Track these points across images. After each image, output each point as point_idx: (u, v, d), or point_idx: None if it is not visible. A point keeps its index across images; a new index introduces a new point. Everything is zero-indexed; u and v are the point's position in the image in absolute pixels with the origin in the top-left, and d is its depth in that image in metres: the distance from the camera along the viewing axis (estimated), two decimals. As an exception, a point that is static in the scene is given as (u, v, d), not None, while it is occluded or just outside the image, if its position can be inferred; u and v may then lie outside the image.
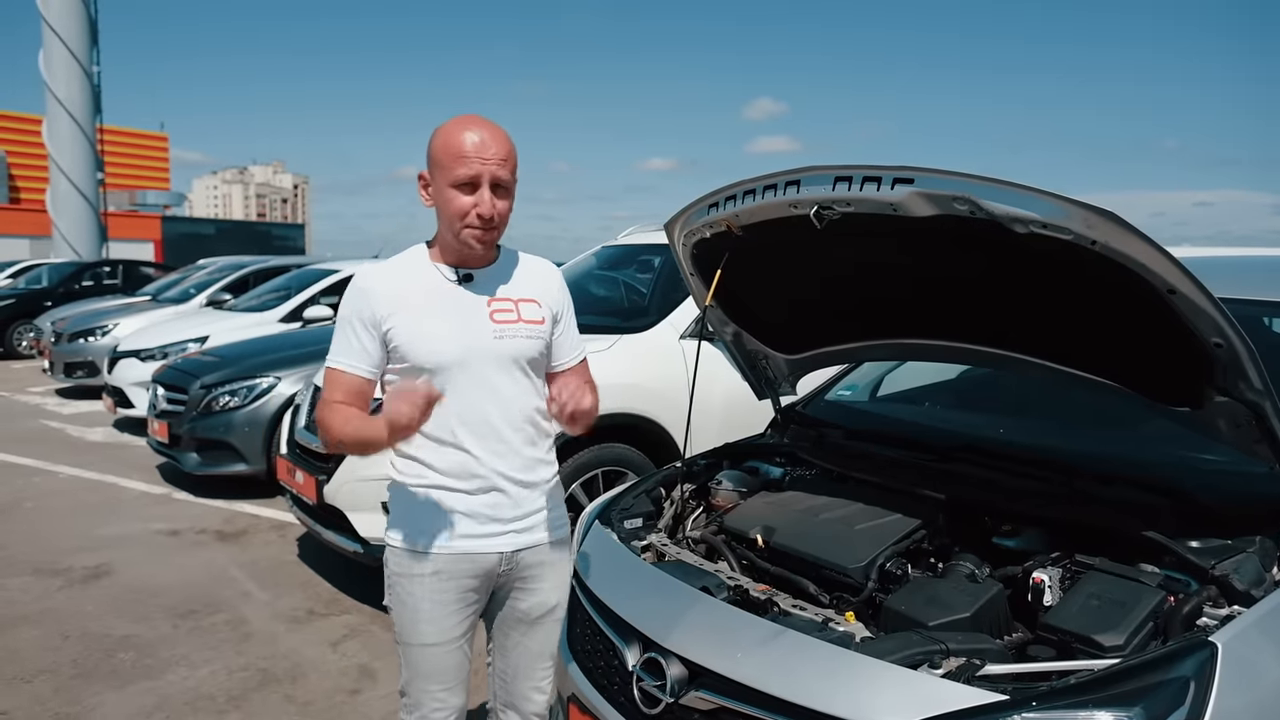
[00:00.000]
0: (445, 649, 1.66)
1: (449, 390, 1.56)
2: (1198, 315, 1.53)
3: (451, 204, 1.57)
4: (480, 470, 1.64)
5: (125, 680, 3.11)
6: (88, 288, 14.10)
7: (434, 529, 1.64)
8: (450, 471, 1.63)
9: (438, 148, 1.57)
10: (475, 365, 1.61)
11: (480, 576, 1.67)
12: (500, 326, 1.64)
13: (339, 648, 3.38)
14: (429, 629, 1.64)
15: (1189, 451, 2.03)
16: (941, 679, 1.46)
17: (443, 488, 1.64)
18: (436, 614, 1.64)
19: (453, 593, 1.64)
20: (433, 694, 1.68)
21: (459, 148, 1.54)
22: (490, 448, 1.64)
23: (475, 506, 1.64)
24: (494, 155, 1.55)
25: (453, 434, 1.62)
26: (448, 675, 1.68)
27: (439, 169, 1.57)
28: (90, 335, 9.14)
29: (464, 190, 1.56)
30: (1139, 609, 1.56)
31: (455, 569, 1.64)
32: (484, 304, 1.65)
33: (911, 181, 1.67)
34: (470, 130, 1.55)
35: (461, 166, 1.54)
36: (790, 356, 2.59)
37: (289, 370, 5.45)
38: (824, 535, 2.01)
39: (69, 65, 23.36)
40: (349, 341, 1.62)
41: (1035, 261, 1.69)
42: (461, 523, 1.64)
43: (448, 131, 1.57)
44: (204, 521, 5.04)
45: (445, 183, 1.56)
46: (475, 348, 1.61)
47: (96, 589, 4.00)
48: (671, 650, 1.69)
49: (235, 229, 42.36)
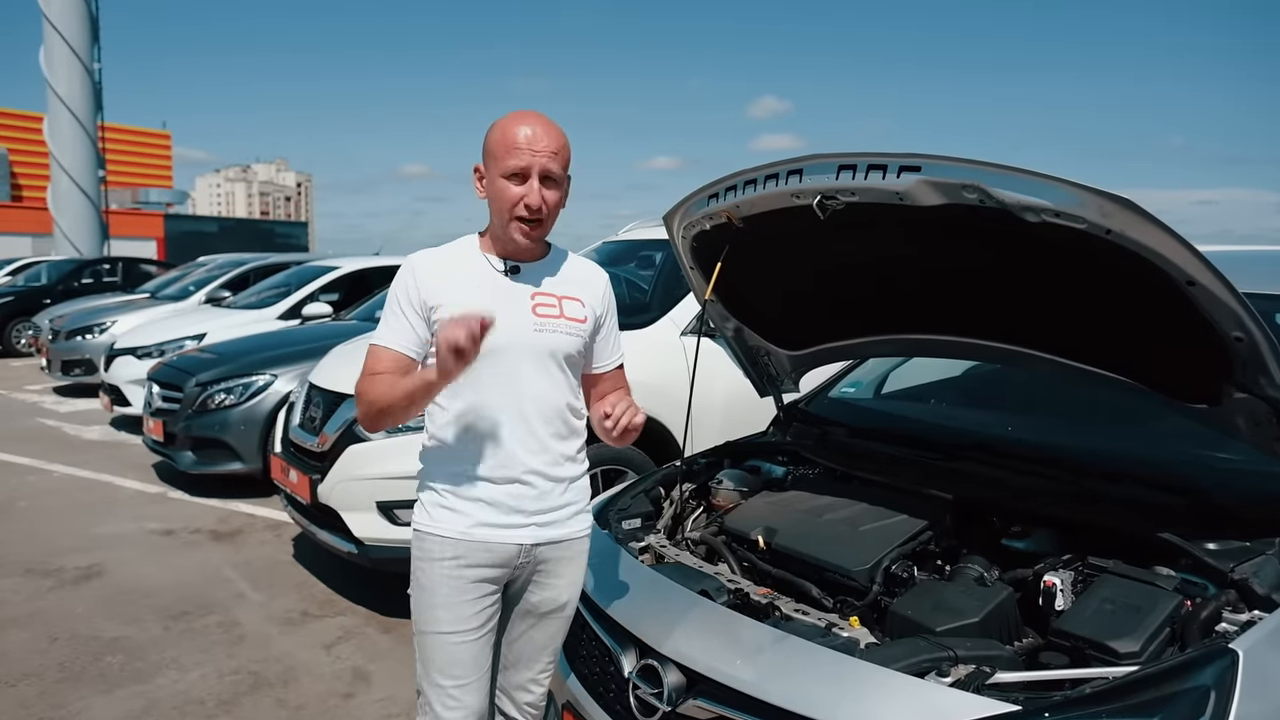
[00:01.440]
0: (459, 638, 1.65)
1: (483, 378, 1.61)
2: (1218, 308, 1.47)
3: (502, 194, 1.62)
4: (507, 460, 1.65)
5: (113, 684, 3.06)
6: (87, 285, 14.06)
7: (457, 516, 1.66)
8: (478, 460, 1.65)
9: (493, 140, 1.63)
10: (512, 355, 1.64)
11: (498, 567, 1.67)
12: (541, 320, 1.67)
13: (333, 650, 3.33)
14: (444, 615, 1.65)
15: (1203, 449, 1.97)
16: (950, 688, 1.42)
17: (468, 475, 1.66)
18: (453, 600, 1.65)
19: (470, 580, 1.65)
20: (445, 690, 1.66)
21: (512, 139, 1.60)
22: (519, 439, 1.66)
23: (499, 496, 1.66)
24: (545, 148, 1.60)
25: (485, 423, 1.65)
26: (461, 668, 1.66)
27: (492, 160, 1.62)
28: (88, 333, 9.10)
29: (514, 181, 1.61)
30: (1155, 614, 1.51)
31: (474, 557, 1.65)
32: (528, 296, 1.68)
33: (919, 169, 1.62)
34: (524, 124, 1.61)
35: (513, 157, 1.59)
36: (793, 352, 2.53)
37: (286, 368, 5.39)
38: (827, 537, 1.95)
39: (70, 62, 23.36)
40: (396, 321, 1.67)
41: (1046, 252, 1.63)
42: (484, 511, 1.66)
43: (503, 125, 1.62)
44: (199, 521, 4.99)
45: (497, 173, 1.62)
46: (514, 338, 1.64)
47: (88, 590, 3.95)
48: (668, 656, 1.65)
49: (238, 227, 42.37)
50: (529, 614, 1.76)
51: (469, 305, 1.61)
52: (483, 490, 1.65)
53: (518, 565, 1.69)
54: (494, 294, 1.65)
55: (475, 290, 1.65)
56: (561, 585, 1.75)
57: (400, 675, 3.09)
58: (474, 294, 1.64)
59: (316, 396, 4.04)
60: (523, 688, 1.81)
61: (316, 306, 7.26)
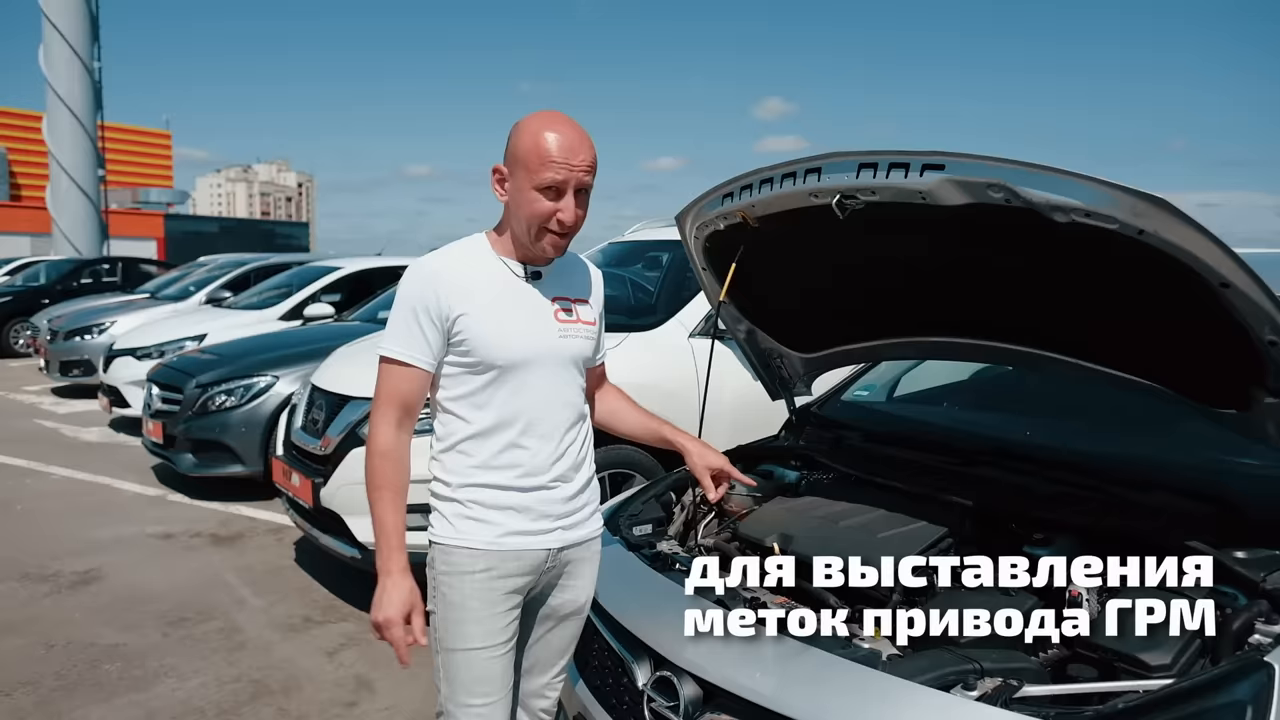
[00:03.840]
0: (490, 653, 1.61)
1: (512, 388, 1.58)
2: (1253, 311, 1.43)
3: (532, 205, 1.53)
4: (538, 467, 1.62)
5: (110, 692, 3.01)
6: (86, 285, 13.98)
7: (486, 526, 1.61)
8: (507, 469, 1.61)
9: (524, 147, 1.52)
10: (542, 364, 1.61)
11: (528, 574, 1.64)
12: (564, 326, 1.65)
13: (335, 657, 3.28)
14: (475, 630, 1.60)
15: (1225, 455, 1.93)
16: (977, 702, 1.37)
17: (498, 485, 1.61)
18: (484, 614, 1.60)
19: (501, 591, 1.61)
20: (475, 709, 1.61)
21: (547, 151, 1.50)
22: (549, 446, 1.63)
23: (529, 503, 1.62)
24: (582, 162, 1.52)
25: (515, 431, 1.61)
26: (490, 685, 1.61)
27: (523, 169, 1.53)
28: (87, 333, 9.05)
29: (548, 195, 1.53)
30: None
31: (506, 567, 1.61)
32: (549, 302, 1.65)
33: (942, 168, 1.58)
34: (558, 132, 1.51)
35: (549, 171, 1.51)
36: (806, 355, 2.49)
37: (287, 369, 5.34)
38: (845, 544, 1.90)
39: (70, 61, 23.31)
40: (409, 330, 1.57)
41: (1070, 253, 1.59)
42: (513, 520, 1.61)
43: (535, 131, 1.52)
44: (199, 524, 4.94)
45: (529, 184, 1.52)
46: (543, 347, 1.61)
47: (85, 595, 3.90)
48: (684, 668, 1.60)
49: (239, 227, 42.33)
50: (549, 617, 1.73)
51: (495, 314, 1.58)
52: (511, 499, 1.61)
53: (545, 571, 1.65)
54: (519, 301, 1.61)
55: (500, 298, 1.60)
56: (581, 586, 1.73)
57: (404, 684, 3.04)
58: (499, 302, 1.59)
59: (319, 399, 3.99)
60: (539, 694, 1.77)
61: (318, 307, 7.19)
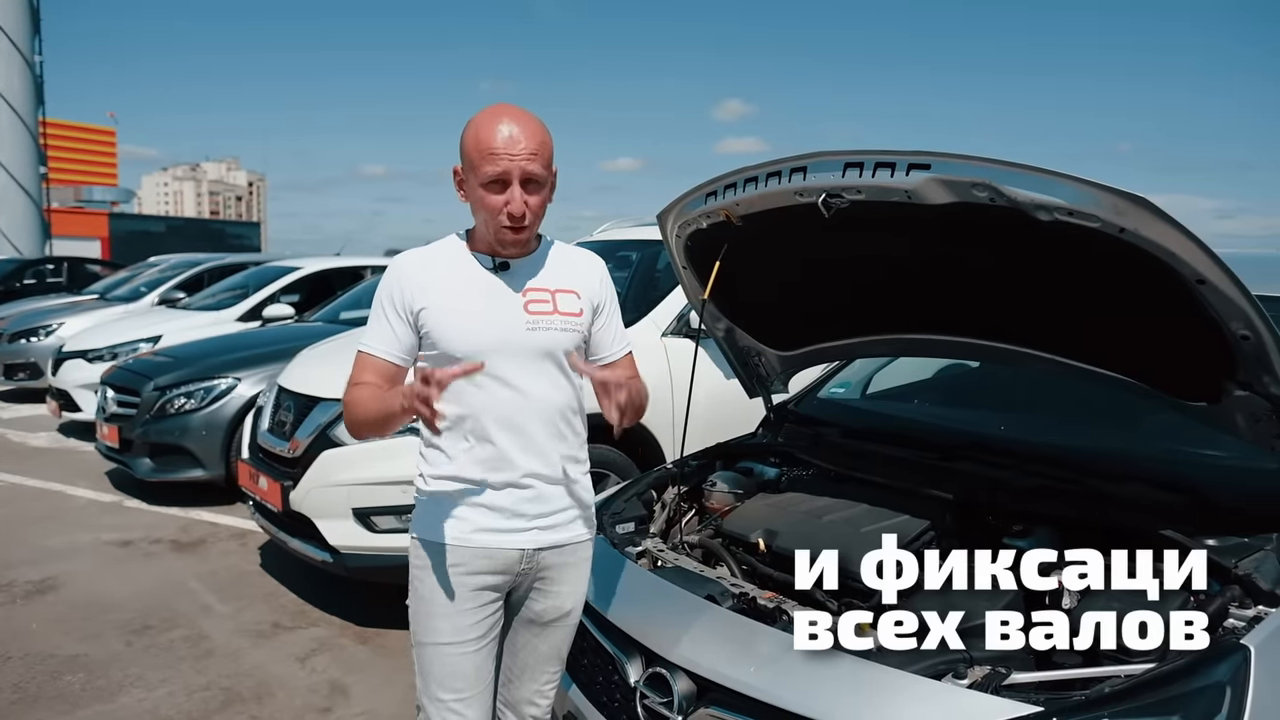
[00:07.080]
0: (459, 649, 1.60)
1: (478, 381, 1.54)
2: (1226, 307, 1.48)
3: (483, 201, 1.54)
4: (506, 464, 1.60)
5: (73, 704, 2.91)
6: (30, 286, 13.51)
7: (456, 522, 1.60)
8: (475, 464, 1.60)
9: (468, 144, 1.54)
10: (509, 356, 1.58)
11: (499, 573, 1.62)
12: (534, 318, 1.61)
13: (307, 663, 3.22)
14: (444, 625, 1.60)
15: (1193, 447, 2.00)
16: (968, 689, 1.40)
17: (467, 480, 1.60)
18: (452, 609, 1.60)
19: (470, 588, 1.60)
20: (446, 704, 1.60)
21: (488, 144, 1.51)
22: (517, 442, 1.60)
23: (499, 501, 1.61)
24: (523, 150, 1.51)
25: (480, 426, 1.59)
26: (462, 680, 1.60)
27: (470, 167, 1.54)
28: (33, 335, 8.72)
29: (494, 189, 1.53)
30: (1164, 611, 1.51)
31: (476, 564, 1.60)
32: (519, 293, 1.62)
33: (928, 167, 1.61)
34: (500, 124, 1.51)
35: (490, 164, 1.51)
36: (785, 353, 2.51)
37: (250, 370, 5.22)
38: (829, 538, 1.92)
39: (9, 54, 22.56)
40: (380, 326, 1.61)
41: (1051, 251, 1.63)
42: (485, 517, 1.60)
43: (477, 126, 1.53)
44: (158, 530, 4.80)
45: (476, 181, 1.54)
46: (507, 339, 1.59)
47: (42, 605, 3.76)
48: (678, 664, 1.61)
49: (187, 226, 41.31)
50: (532, 623, 1.70)
51: (457, 306, 1.58)
52: (481, 495, 1.60)
53: (519, 571, 1.63)
54: (483, 293, 1.59)
55: (463, 290, 1.59)
56: (565, 592, 1.69)
57: (379, 688, 2.99)
58: (461, 294, 1.58)
59: (287, 400, 3.91)
60: (529, 701, 1.74)
61: (278, 308, 7.04)
